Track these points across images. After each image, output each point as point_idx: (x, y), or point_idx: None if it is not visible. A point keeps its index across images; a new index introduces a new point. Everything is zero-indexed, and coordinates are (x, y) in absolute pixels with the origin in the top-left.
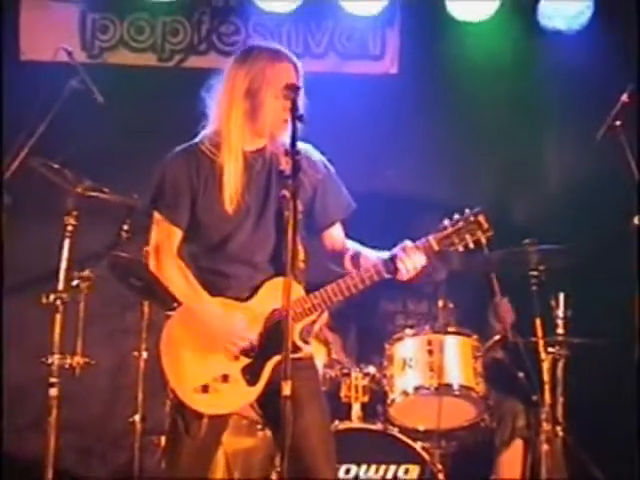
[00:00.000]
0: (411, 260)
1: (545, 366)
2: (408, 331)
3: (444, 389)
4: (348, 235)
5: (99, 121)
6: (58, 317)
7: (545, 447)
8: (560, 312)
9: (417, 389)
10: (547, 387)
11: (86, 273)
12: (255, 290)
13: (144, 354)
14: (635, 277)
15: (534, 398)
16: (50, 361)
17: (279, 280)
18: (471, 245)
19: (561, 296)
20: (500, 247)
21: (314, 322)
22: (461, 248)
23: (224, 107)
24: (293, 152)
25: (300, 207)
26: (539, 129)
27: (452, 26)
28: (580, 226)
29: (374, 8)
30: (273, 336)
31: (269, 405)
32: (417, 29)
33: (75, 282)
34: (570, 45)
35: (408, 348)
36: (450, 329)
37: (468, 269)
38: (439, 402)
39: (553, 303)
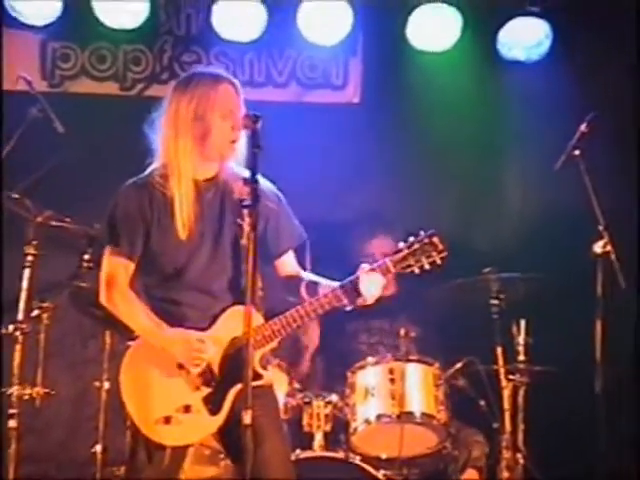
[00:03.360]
0: (370, 283)
1: (506, 393)
2: (370, 359)
3: (406, 417)
4: (309, 261)
5: (60, 150)
6: (18, 347)
7: (505, 474)
8: (521, 339)
9: (379, 417)
10: (508, 414)
11: (46, 303)
12: (214, 319)
13: (106, 384)
14: (596, 304)
15: (495, 425)
16: (9, 392)
17: (238, 309)
18: (427, 266)
19: (522, 323)
20: (461, 275)
21: (273, 349)
22: (417, 270)
23: (170, 136)
24: (253, 181)
25: (252, 236)
26: (499, 158)
27: (414, 56)
28: (541, 254)
29: (336, 37)
30: (233, 364)
31: (229, 434)
32: (379, 59)
33: (35, 312)
34: (530, 75)
35: (370, 376)
36: (412, 357)
37: (429, 297)
38: (401, 430)
39: (514, 330)
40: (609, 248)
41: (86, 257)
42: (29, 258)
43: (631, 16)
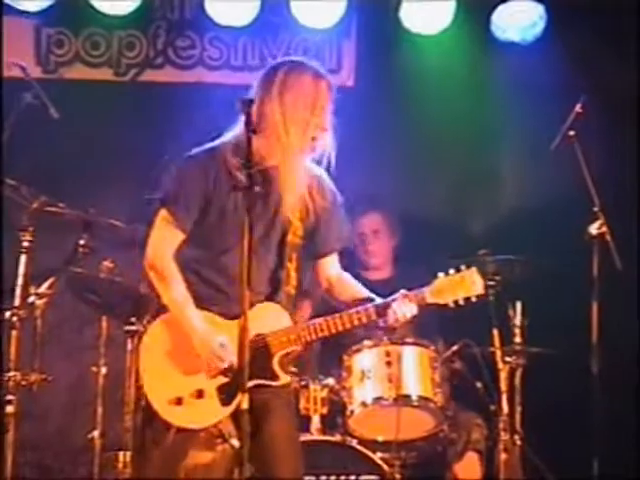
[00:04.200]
0: (403, 310)
1: (502, 375)
2: (366, 342)
3: (402, 400)
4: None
5: (54, 136)
6: (14, 334)
7: (503, 456)
8: (517, 321)
9: (376, 400)
10: (505, 396)
11: (43, 289)
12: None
13: (103, 369)
14: (592, 286)
15: (492, 408)
16: (6, 378)
17: (267, 305)
18: (461, 302)
19: (518, 305)
20: (456, 257)
21: (297, 353)
22: (451, 304)
23: (275, 112)
24: (248, 165)
25: (300, 232)
26: (494, 140)
27: (407, 38)
28: (536, 236)
29: (330, 20)
30: (253, 360)
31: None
32: (373, 42)
33: (31, 298)
34: (524, 56)
35: (366, 359)
36: (408, 340)
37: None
38: (398, 413)
39: (510, 312)
40: (604, 229)
41: (81, 243)
42: (25, 244)
43: None
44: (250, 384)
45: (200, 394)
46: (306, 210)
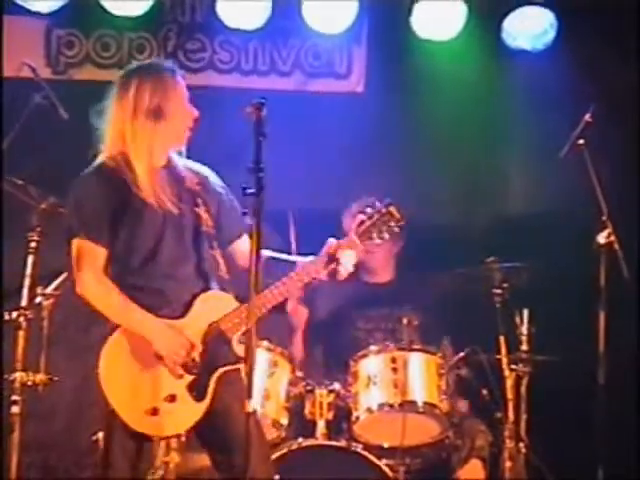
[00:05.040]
0: (345, 257)
1: (508, 383)
2: (373, 348)
3: (408, 406)
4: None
5: (64, 137)
6: (21, 334)
7: (508, 464)
8: (524, 329)
9: (381, 406)
10: (510, 404)
11: (50, 290)
12: (186, 306)
13: None
14: (599, 294)
15: (497, 415)
16: (12, 378)
17: (210, 294)
18: (386, 236)
19: (525, 313)
20: (463, 263)
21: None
22: (378, 240)
23: (127, 122)
24: (257, 169)
25: (210, 222)
26: (504, 147)
27: (418, 45)
28: (543, 243)
29: (340, 25)
30: (214, 350)
31: (206, 420)
32: (383, 48)
33: (38, 299)
34: (534, 64)
35: (373, 365)
36: (414, 346)
37: (431, 286)
38: (403, 419)
39: (517, 320)
40: (613, 238)
41: None
42: (32, 245)
43: (636, 5)
44: (218, 373)
45: (173, 398)
46: (206, 204)
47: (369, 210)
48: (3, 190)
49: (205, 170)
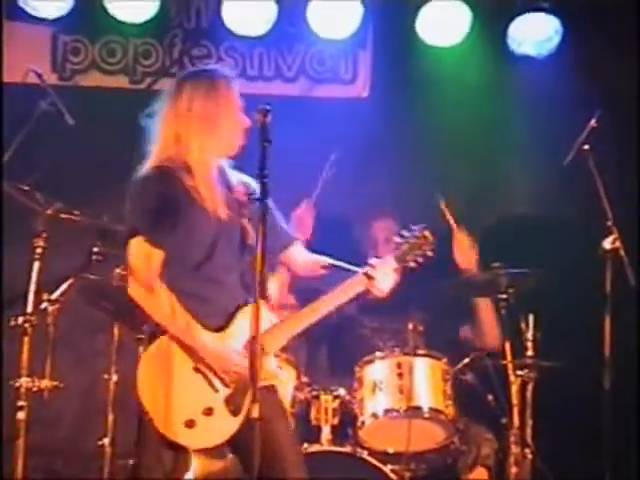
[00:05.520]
0: (384, 275)
1: (514, 389)
2: (378, 354)
3: (414, 412)
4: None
5: (69, 143)
6: (26, 340)
7: (514, 470)
8: (530, 334)
9: (387, 412)
10: (516, 410)
11: (55, 296)
12: (230, 316)
13: (114, 377)
14: (605, 300)
15: (503, 421)
16: (18, 384)
17: (252, 307)
18: (420, 260)
19: (531, 318)
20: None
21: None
22: (413, 264)
23: (183, 127)
24: (263, 175)
25: (253, 235)
26: (509, 153)
27: (423, 50)
28: (549, 249)
29: (345, 31)
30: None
31: (240, 432)
32: (388, 53)
33: (44, 305)
34: (539, 70)
35: (378, 371)
36: (420, 352)
37: (441, 293)
38: (409, 425)
39: (523, 325)
40: (618, 244)
41: (95, 250)
42: (38, 250)
43: None
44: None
45: (209, 411)
46: (252, 216)
47: (405, 233)
48: (4, 195)
49: (253, 182)
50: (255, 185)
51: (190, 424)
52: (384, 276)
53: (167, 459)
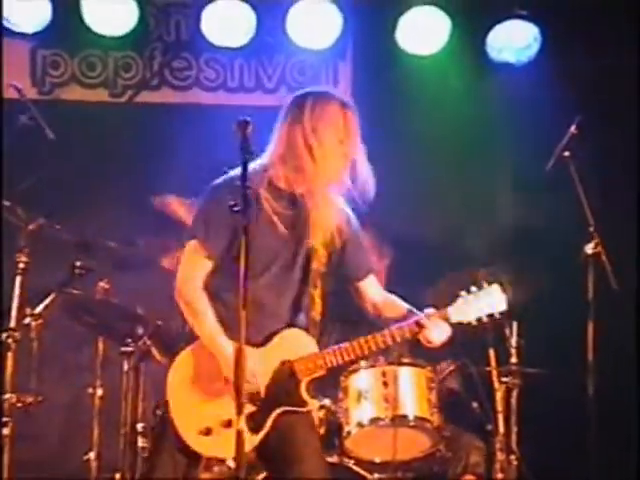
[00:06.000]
0: (439, 329)
1: (499, 395)
2: (363, 363)
3: (399, 420)
4: None
5: (50, 157)
6: (10, 355)
7: (500, 476)
8: (513, 341)
9: (372, 421)
10: (501, 416)
11: (38, 310)
12: (270, 336)
13: (99, 391)
14: (587, 306)
15: (488, 428)
16: (2, 400)
17: (292, 332)
18: (485, 319)
19: (514, 325)
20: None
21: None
22: (474, 322)
23: (304, 144)
24: (244, 186)
25: (324, 259)
26: (490, 160)
27: (403, 59)
28: (532, 255)
29: (325, 41)
30: (281, 387)
31: (268, 451)
32: (368, 63)
33: (27, 320)
34: (519, 77)
35: (363, 380)
36: (404, 360)
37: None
38: (394, 433)
39: (507, 332)
40: (600, 249)
41: (77, 264)
42: (21, 265)
43: (619, 18)
44: (279, 411)
45: (229, 424)
46: (332, 239)
47: (473, 289)
48: None
49: (343, 206)
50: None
51: (207, 432)
52: (437, 328)
53: (181, 463)
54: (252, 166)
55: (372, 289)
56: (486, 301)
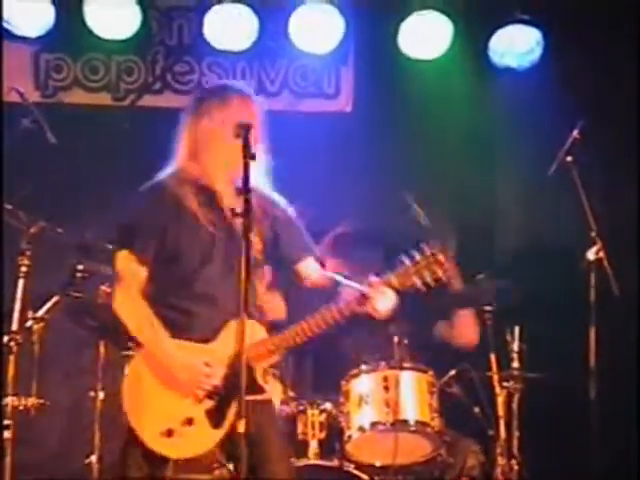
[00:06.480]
0: (384, 296)
1: (500, 400)
2: (364, 367)
3: (400, 425)
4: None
5: (52, 161)
6: (12, 358)
7: None
8: (515, 346)
9: (373, 425)
10: (502, 421)
11: (40, 314)
12: (217, 330)
13: (100, 394)
14: (589, 311)
15: (490, 432)
16: (4, 403)
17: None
18: (431, 283)
19: (516, 330)
20: None
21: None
22: (420, 286)
23: (203, 138)
24: (246, 190)
25: (259, 246)
26: (492, 165)
27: (405, 64)
28: (534, 260)
29: (327, 46)
30: (235, 378)
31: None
32: (371, 67)
33: (29, 323)
34: (521, 81)
35: (364, 384)
36: (405, 365)
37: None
38: (395, 438)
39: (508, 337)
40: (602, 254)
41: (80, 267)
42: (23, 269)
43: (620, 23)
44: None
45: (190, 422)
46: (262, 227)
47: (415, 254)
48: None
49: (262, 188)
50: (267, 193)
51: (168, 433)
52: (382, 296)
53: (148, 470)
54: (167, 169)
55: (310, 270)
56: (430, 265)
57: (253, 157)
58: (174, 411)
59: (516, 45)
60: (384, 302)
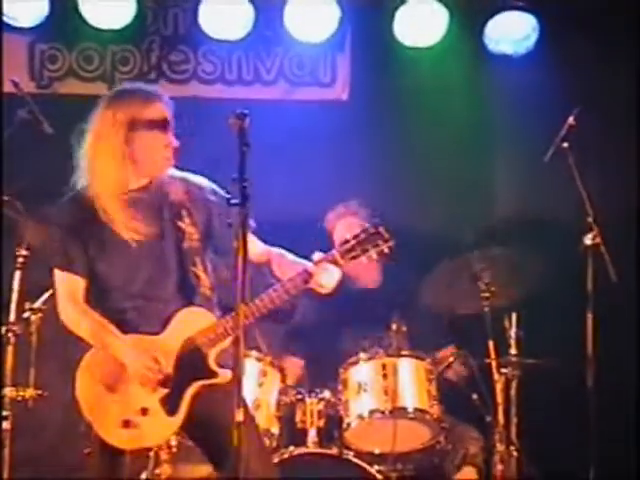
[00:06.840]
0: (327, 273)
1: (498, 387)
2: (362, 355)
3: (399, 412)
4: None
5: (48, 152)
6: (10, 349)
7: (499, 467)
8: (513, 332)
9: (372, 413)
10: (500, 408)
11: (38, 304)
12: (165, 322)
13: None
14: (587, 297)
15: (488, 419)
16: (2, 394)
17: (189, 310)
18: (374, 256)
19: (514, 316)
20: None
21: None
22: (365, 259)
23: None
24: (242, 179)
25: (196, 235)
26: (488, 152)
27: (401, 52)
28: (531, 247)
29: (323, 34)
30: (188, 365)
31: (199, 434)
32: (367, 55)
33: (26, 314)
34: (517, 68)
35: (363, 372)
36: (404, 352)
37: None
38: (394, 425)
39: (506, 323)
40: (599, 240)
41: None
42: (20, 260)
43: (618, 8)
44: (193, 387)
45: (145, 411)
46: (192, 215)
47: (357, 230)
48: None
49: (196, 179)
50: (196, 180)
51: (125, 424)
52: (325, 272)
53: (105, 464)
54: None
55: (252, 247)
56: (372, 238)
57: (248, 145)
58: (128, 402)
59: (512, 32)
60: (328, 278)
